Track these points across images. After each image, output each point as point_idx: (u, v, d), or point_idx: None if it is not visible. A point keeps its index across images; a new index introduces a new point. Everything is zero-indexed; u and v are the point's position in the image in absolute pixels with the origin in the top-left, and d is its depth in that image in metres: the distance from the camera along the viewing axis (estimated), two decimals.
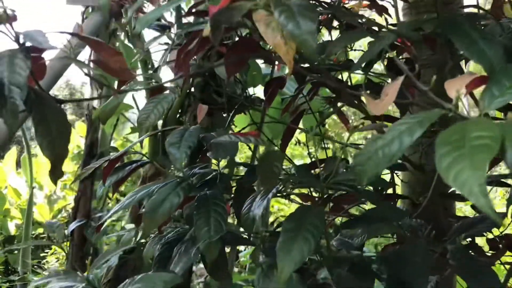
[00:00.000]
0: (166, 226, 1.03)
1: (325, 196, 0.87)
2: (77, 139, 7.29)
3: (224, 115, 1.46)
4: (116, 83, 1.95)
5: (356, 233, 1.03)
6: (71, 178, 6.57)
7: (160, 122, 1.61)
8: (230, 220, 1.17)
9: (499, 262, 1.26)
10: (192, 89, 1.50)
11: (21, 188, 6.18)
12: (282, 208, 4.71)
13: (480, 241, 1.26)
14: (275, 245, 0.85)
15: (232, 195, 1.06)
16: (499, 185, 1.21)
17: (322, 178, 0.83)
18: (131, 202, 0.89)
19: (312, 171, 1.01)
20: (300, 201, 1.13)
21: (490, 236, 1.23)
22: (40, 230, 6.09)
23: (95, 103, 2.87)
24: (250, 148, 1.57)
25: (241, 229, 1.03)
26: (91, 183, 4.07)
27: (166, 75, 1.70)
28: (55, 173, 0.65)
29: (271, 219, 5.12)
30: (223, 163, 1.15)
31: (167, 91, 1.21)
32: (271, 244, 0.90)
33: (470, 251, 1.02)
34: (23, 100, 0.54)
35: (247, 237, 0.97)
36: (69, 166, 7.00)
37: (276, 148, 1.40)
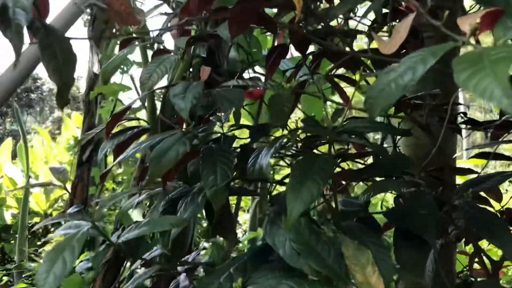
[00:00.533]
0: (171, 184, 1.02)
1: (332, 151, 0.86)
2: (74, 129, 7.27)
3: None
4: (117, 48, 1.93)
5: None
6: (68, 168, 6.53)
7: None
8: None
9: None
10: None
11: (17, 178, 6.15)
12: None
13: None
14: (281, 195, 0.84)
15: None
16: None
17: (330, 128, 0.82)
18: (136, 151, 0.87)
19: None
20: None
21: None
22: (37, 219, 6.06)
23: (95, 68, 2.84)
24: (253, 117, 1.55)
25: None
26: (88, 169, 4.06)
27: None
28: (61, 100, 0.64)
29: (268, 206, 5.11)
30: (226, 128, 1.14)
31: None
32: (277, 195, 0.90)
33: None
34: (28, 23, 0.53)
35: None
36: (65, 157, 6.98)
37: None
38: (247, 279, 0.74)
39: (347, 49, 1.10)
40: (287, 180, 0.82)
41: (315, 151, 0.99)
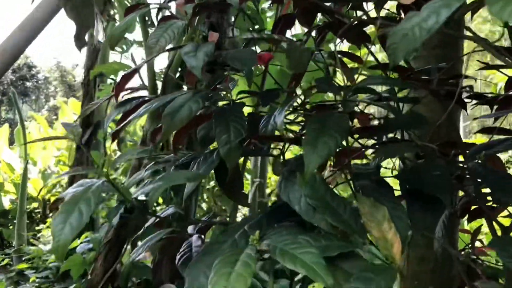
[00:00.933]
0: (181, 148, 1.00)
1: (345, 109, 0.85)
2: (71, 115, 7.23)
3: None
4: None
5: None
6: (65, 154, 6.52)
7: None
8: None
9: None
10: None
11: (14, 163, 6.12)
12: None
13: None
14: (293, 159, 0.83)
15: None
16: None
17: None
18: (147, 111, 0.86)
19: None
20: None
21: None
22: (35, 204, 6.05)
23: (100, 36, 2.82)
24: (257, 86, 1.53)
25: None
26: (87, 152, 4.04)
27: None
28: (79, 41, 0.62)
29: (268, 191, 5.12)
30: (234, 95, 1.12)
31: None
32: (289, 159, 0.89)
33: None
34: None
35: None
36: (63, 143, 6.95)
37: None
38: (262, 235, 0.74)
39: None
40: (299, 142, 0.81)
41: None
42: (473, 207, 1.32)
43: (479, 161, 0.94)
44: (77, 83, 23.05)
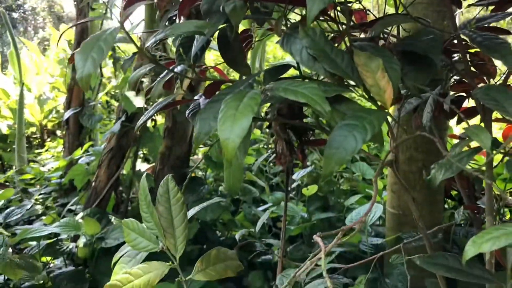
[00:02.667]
0: None
1: None
2: (63, 42, 7.11)
3: None
4: None
5: None
6: (59, 81, 6.50)
7: None
8: None
9: None
10: None
11: (9, 88, 6.10)
12: None
13: None
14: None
15: None
16: None
17: None
18: None
19: None
20: None
21: None
22: (33, 129, 6.12)
23: None
24: None
25: None
26: None
27: None
28: None
29: None
30: None
31: None
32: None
33: None
34: None
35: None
36: (56, 70, 6.90)
37: None
38: (265, 86, 0.80)
39: None
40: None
41: None
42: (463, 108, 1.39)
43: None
44: (66, 14, 22.41)
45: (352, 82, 0.81)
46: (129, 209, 2.84)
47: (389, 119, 0.85)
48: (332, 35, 1.13)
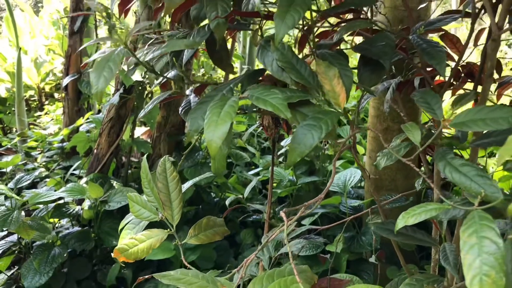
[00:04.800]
0: None
1: None
2: (56, 3, 7.11)
3: None
4: None
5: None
6: (54, 43, 6.56)
7: None
8: None
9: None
10: None
11: (5, 52, 6.18)
12: None
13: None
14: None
15: None
16: None
17: None
18: None
19: None
20: None
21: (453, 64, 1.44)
22: (31, 92, 6.24)
23: None
24: None
25: None
26: (80, 39, 4.15)
27: None
28: None
29: None
30: None
31: None
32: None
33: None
34: None
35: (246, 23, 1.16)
36: (51, 31, 6.94)
37: None
38: (243, 90, 0.99)
39: None
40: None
41: None
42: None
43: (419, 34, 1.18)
44: None
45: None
46: (130, 172, 3.06)
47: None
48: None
